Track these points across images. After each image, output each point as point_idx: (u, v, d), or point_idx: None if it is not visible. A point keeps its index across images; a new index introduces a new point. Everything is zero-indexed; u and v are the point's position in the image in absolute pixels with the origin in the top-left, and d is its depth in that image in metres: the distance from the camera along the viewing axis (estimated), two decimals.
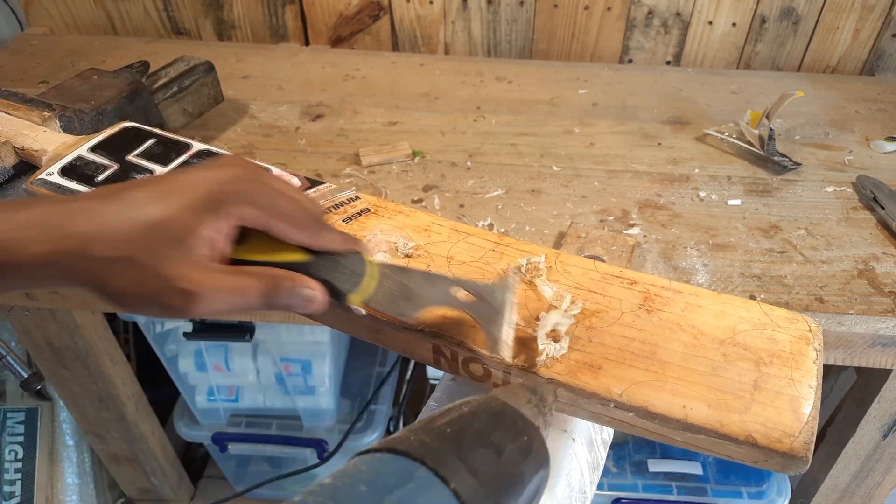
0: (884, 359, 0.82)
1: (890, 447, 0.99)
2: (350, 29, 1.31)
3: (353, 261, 0.48)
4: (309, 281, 0.46)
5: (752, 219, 0.88)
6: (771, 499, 1.22)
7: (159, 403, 1.32)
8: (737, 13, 1.22)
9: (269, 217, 0.45)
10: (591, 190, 0.93)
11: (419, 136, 1.03)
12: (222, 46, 1.30)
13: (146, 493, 1.38)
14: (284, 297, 0.45)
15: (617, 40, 1.28)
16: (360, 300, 0.48)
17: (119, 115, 0.88)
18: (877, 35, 1.22)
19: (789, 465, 0.45)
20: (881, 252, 0.83)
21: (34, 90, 1.00)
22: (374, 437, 1.30)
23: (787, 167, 0.97)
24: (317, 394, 1.23)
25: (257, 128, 1.05)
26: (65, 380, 1.12)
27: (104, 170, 0.66)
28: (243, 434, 1.31)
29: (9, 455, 1.28)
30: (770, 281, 0.79)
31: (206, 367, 1.20)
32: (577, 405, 0.50)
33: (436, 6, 1.26)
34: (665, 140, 1.04)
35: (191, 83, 0.99)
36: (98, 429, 1.22)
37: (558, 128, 1.07)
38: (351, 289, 0.47)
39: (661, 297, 0.55)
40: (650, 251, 0.83)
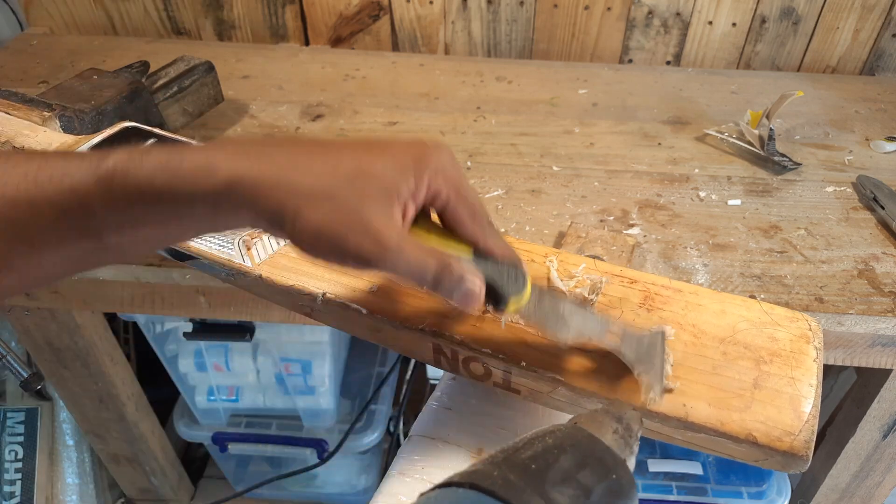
0: (884, 359, 0.82)
1: (890, 447, 0.99)
2: (350, 29, 1.31)
3: (513, 270, 0.47)
4: (476, 274, 0.44)
5: (752, 219, 0.88)
6: (771, 499, 1.22)
7: (159, 403, 1.32)
8: (737, 13, 1.22)
9: (456, 200, 0.45)
10: (591, 190, 0.93)
11: (419, 136, 1.03)
12: (222, 46, 1.30)
13: (146, 493, 1.38)
14: (453, 283, 0.43)
15: (617, 40, 1.28)
16: (517, 308, 0.47)
17: (119, 115, 0.88)
18: (877, 35, 1.22)
19: (790, 464, 0.45)
20: (881, 252, 0.83)
21: (34, 90, 1.00)
22: (374, 437, 1.30)
23: (787, 167, 0.97)
24: (317, 394, 1.23)
25: (257, 128, 1.05)
26: (65, 380, 1.12)
27: None
28: (243, 434, 1.31)
29: (9, 455, 1.28)
30: (770, 281, 0.79)
31: (206, 367, 1.20)
32: (578, 404, 0.50)
33: (436, 6, 1.26)
34: (665, 140, 1.04)
35: (191, 83, 0.99)
36: (98, 429, 1.22)
37: (558, 128, 1.07)
38: (513, 293, 0.46)
39: (662, 295, 0.55)
40: (650, 251, 0.83)
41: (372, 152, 0.42)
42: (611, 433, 0.38)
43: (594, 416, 0.39)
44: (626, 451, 0.38)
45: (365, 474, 1.45)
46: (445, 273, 0.43)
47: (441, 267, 0.43)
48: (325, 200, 0.40)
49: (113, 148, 0.42)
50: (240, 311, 0.91)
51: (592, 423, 0.38)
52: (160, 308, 0.92)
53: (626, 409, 0.40)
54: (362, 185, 0.41)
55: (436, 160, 0.43)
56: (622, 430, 0.39)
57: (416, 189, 0.43)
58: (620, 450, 0.37)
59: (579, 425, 0.38)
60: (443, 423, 0.55)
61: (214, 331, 1.11)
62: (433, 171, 0.43)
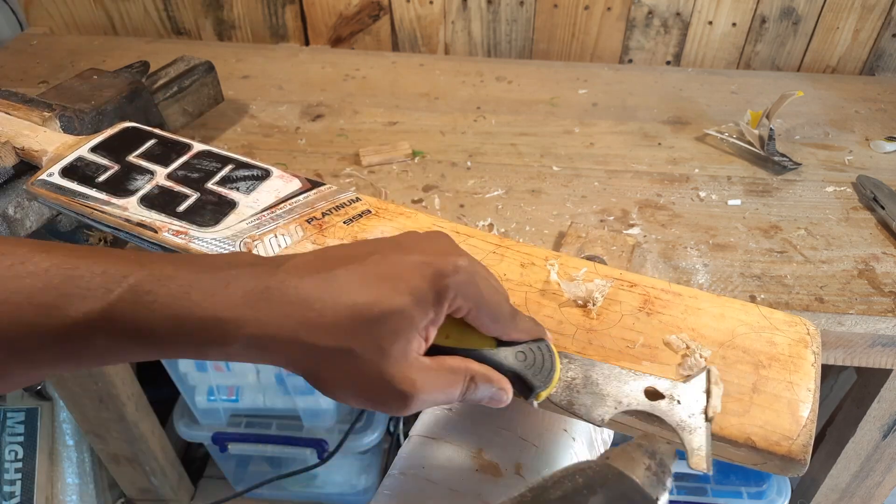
0: (884, 359, 0.82)
1: (890, 447, 0.99)
2: (350, 29, 1.31)
3: (539, 351, 0.46)
4: (501, 379, 0.44)
5: (752, 219, 0.88)
6: (771, 499, 1.22)
7: (159, 403, 1.32)
8: (737, 13, 1.22)
9: (477, 311, 0.43)
10: (591, 190, 0.93)
11: (419, 136, 1.03)
12: (222, 46, 1.30)
13: (146, 493, 1.38)
14: (480, 394, 0.43)
15: (617, 40, 1.28)
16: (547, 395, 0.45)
17: (119, 115, 0.88)
18: (877, 35, 1.22)
19: (788, 468, 0.45)
20: (881, 252, 0.83)
21: (34, 90, 1.00)
22: (374, 438, 1.30)
23: (787, 167, 0.97)
24: (317, 394, 1.23)
25: (257, 128, 1.05)
26: (65, 380, 1.12)
27: (105, 170, 0.66)
28: (243, 434, 1.31)
29: (9, 455, 1.28)
30: (770, 281, 0.79)
31: (206, 367, 1.20)
32: None
33: (436, 6, 1.26)
34: (665, 140, 1.04)
35: (191, 83, 0.99)
36: (98, 429, 1.22)
37: (558, 128, 1.07)
38: (542, 384, 0.44)
39: (661, 299, 0.55)
40: (650, 251, 0.83)
41: (387, 284, 0.39)
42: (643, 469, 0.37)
43: (626, 452, 0.38)
44: (659, 488, 0.37)
45: (365, 474, 1.45)
46: (470, 389, 0.43)
47: (469, 383, 0.42)
48: (342, 358, 0.38)
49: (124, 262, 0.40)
50: None
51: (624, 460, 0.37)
52: None
53: (659, 444, 0.39)
54: (379, 334, 0.39)
55: (455, 281, 0.41)
56: (655, 465, 0.37)
57: (436, 317, 0.41)
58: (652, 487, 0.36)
59: (610, 462, 0.37)
60: (443, 423, 0.55)
61: None
62: (453, 294, 0.41)
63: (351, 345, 0.38)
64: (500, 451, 0.52)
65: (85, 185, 0.64)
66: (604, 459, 0.38)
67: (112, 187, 0.64)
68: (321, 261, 0.41)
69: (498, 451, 0.52)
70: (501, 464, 0.51)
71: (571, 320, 0.54)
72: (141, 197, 0.63)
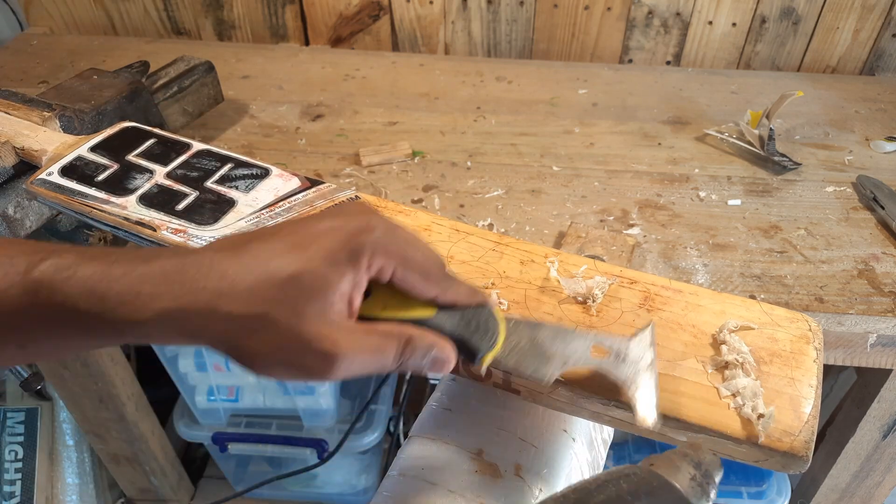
0: (884, 359, 0.82)
1: (890, 447, 0.99)
2: (350, 29, 1.31)
3: (481, 314, 0.45)
4: (442, 342, 0.43)
5: (752, 219, 0.88)
6: (771, 499, 1.22)
7: (159, 403, 1.32)
8: (737, 13, 1.22)
9: (403, 269, 0.42)
10: (591, 190, 0.93)
11: (419, 136, 1.03)
12: (222, 46, 1.30)
13: (146, 493, 1.38)
14: (418, 358, 0.42)
15: (617, 40, 1.28)
16: (492, 358, 0.44)
17: (119, 115, 0.88)
18: (877, 35, 1.22)
19: (789, 465, 0.45)
20: (881, 252, 0.83)
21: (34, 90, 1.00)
22: (374, 438, 1.30)
23: (787, 167, 0.97)
24: (317, 394, 1.23)
25: (257, 128, 1.05)
26: (65, 380, 1.12)
27: (104, 170, 0.66)
28: (243, 434, 1.31)
29: (9, 455, 1.28)
30: (770, 281, 0.79)
31: (206, 367, 1.20)
32: (578, 405, 0.49)
33: (436, 6, 1.26)
34: (665, 140, 1.04)
35: (191, 83, 0.99)
36: (98, 429, 1.22)
37: (558, 128, 1.07)
38: (487, 347, 0.44)
39: (661, 296, 0.55)
40: (650, 251, 0.83)
41: (298, 250, 0.39)
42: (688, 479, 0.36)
43: (671, 460, 0.38)
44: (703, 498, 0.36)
45: (365, 474, 1.45)
46: (411, 351, 0.41)
47: (405, 347, 0.41)
48: (259, 326, 0.38)
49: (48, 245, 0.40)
50: None
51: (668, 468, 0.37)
52: None
53: (705, 455, 0.38)
54: (294, 296, 0.38)
55: (369, 239, 0.40)
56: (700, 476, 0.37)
57: (356, 277, 0.40)
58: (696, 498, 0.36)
59: (655, 470, 0.37)
60: (443, 423, 0.55)
61: None
62: (370, 252, 0.40)
63: (266, 309, 0.37)
64: (500, 451, 0.52)
65: (84, 184, 0.64)
66: (648, 466, 0.37)
67: (111, 186, 0.64)
68: (238, 237, 0.41)
69: (497, 452, 0.52)
70: (501, 465, 0.51)
71: (571, 317, 0.54)
72: (140, 196, 0.63)
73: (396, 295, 0.44)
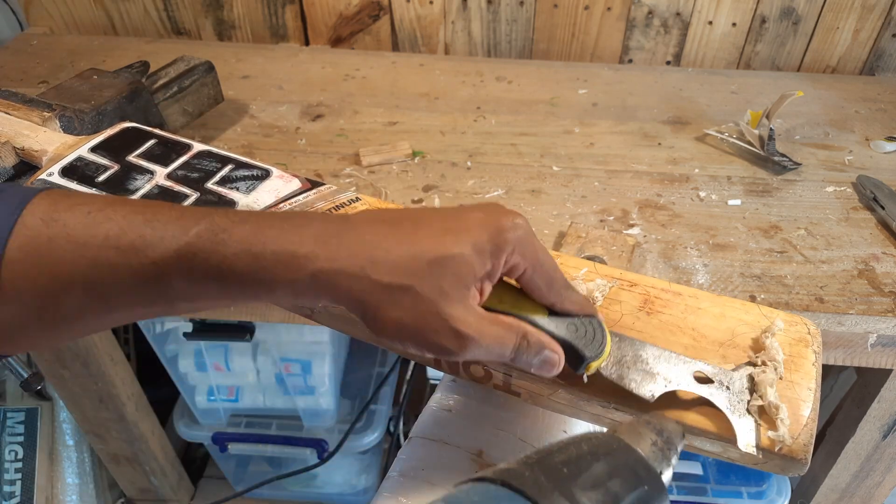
0: (884, 359, 0.82)
1: (890, 447, 0.99)
2: (350, 29, 1.31)
3: (591, 324, 0.46)
4: (553, 344, 0.45)
5: (752, 219, 0.88)
6: (771, 499, 1.22)
7: (159, 403, 1.32)
8: (737, 13, 1.22)
9: (533, 272, 0.44)
10: (591, 190, 0.93)
11: (419, 136, 1.03)
12: (222, 46, 1.30)
13: (146, 493, 1.38)
14: (531, 355, 0.44)
15: (617, 40, 1.28)
16: (597, 367, 0.46)
17: (119, 115, 0.88)
18: (877, 35, 1.22)
19: (788, 468, 0.45)
20: (881, 252, 0.83)
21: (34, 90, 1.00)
22: (374, 438, 1.30)
23: (787, 167, 0.97)
24: (317, 394, 1.23)
25: (257, 128, 1.05)
26: (65, 380, 1.12)
27: (104, 170, 0.66)
28: (243, 434, 1.31)
29: (9, 455, 1.28)
30: (770, 281, 0.79)
31: (206, 367, 1.20)
32: (578, 407, 0.50)
33: (436, 6, 1.26)
34: (665, 140, 1.04)
35: (191, 83, 0.99)
36: (98, 429, 1.22)
37: (558, 128, 1.07)
38: (594, 355, 0.45)
39: (661, 299, 0.55)
40: (650, 251, 0.83)
41: (449, 235, 0.42)
42: (649, 444, 0.38)
43: (634, 427, 0.39)
44: (664, 463, 0.38)
45: (365, 474, 1.45)
46: (522, 347, 0.44)
47: (521, 342, 0.43)
48: (403, 295, 0.40)
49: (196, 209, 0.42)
50: (240, 311, 0.91)
51: (631, 434, 0.38)
52: None
53: (668, 422, 0.40)
54: (440, 275, 0.40)
55: (513, 237, 0.43)
56: (662, 442, 0.38)
57: (494, 269, 0.43)
58: (657, 462, 0.37)
59: (617, 434, 0.38)
60: (443, 424, 0.55)
61: (214, 331, 1.11)
62: (511, 248, 0.43)
63: (412, 282, 0.40)
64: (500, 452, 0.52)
65: (84, 185, 0.64)
66: (612, 432, 0.38)
67: (112, 187, 0.64)
68: (388, 213, 0.44)
69: (498, 453, 0.52)
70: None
71: None
72: (141, 197, 0.63)
73: (512, 291, 0.46)
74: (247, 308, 0.90)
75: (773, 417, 0.45)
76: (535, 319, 0.45)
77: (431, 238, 0.41)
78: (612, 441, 0.37)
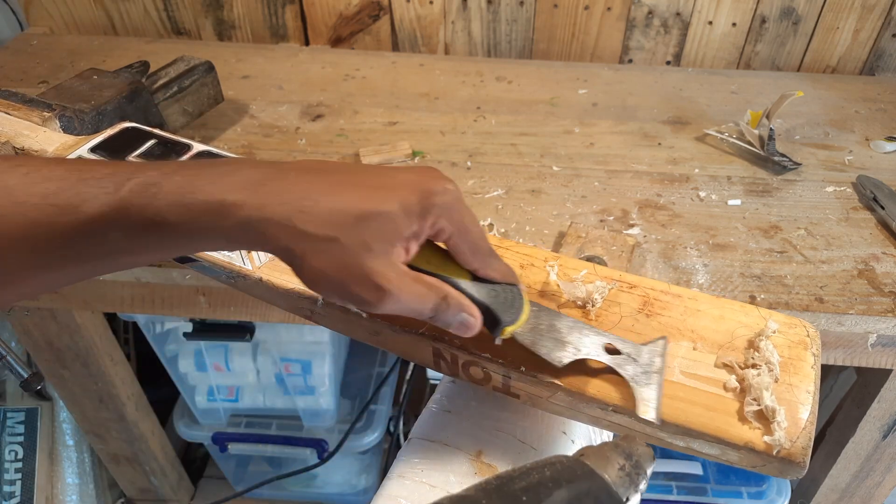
0: (884, 359, 0.82)
1: (890, 447, 0.99)
2: (350, 29, 1.31)
3: (510, 292, 0.48)
4: (472, 307, 0.46)
5: (752, 219, 0.88)
6: (771, 499, 1.22)
7: (159, 403, 1.32)
8: (737, 13, 1.22)
9: (458, 237, 0.46)
10: (591, 190, 0.93)
11: (419, 136, 1.03)
12: (222, 46, 1.30)
13: (146, 493, 1.38)
14: (450, 315, 0.45)
15: (617, 40, 1.28)
16: (512, 332, 0.47)
17: (119, 115, 0.88)
18: (877, 35, 1.22)
19: (787, 471, 0.45)
20: (881, 252, 0.83)
21: (34, 90, 1.00)
22: (374, 438, 1.30)
23: (787, 167, 0.97)
24: (317, 394, 1.23)
25: (257, 128, 1.05)
26: (65, 380, 1.12)
27: None
28: (243, 434, 1.31)
29: (9, 455, 1.28)
30: (770, 281, 0.79)
31: (206, 367, 1.20)
32: (577, 409, 0.50)
33: (436, 6, 1.26)
34: (665, 140, 1.04)
35: (191, 83, 0.99)
36: (98, 429, 1.22)
37: (558, 128, 1.07)
38: (511, 320, 0.47)
39: (661, 301, 0.55)
40: (650, 251, 0.83)
41: (379, 192, 0.42)
42: (616, 469, 0.37)
43: (601, 451, 0.38)
44: (631, 489, 0.37)
45: (365, 474, 1.45)
46: (442, 307, 0.45)
47: (441, 301, 0.45)
48: (328, 245, 0.41)
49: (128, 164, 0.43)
50: (240, 311, 0.91)
51: (598, 458, 0.37)
52: (160, 308, 0.92)
53: (637, 446, 0.39)
54: (365, 230, 0.41)
55: (441, 200, 0.44)
56: (630, 466, 0.38)
57: (420, 230, 0.44)
58: (624, 488, 0.36)
59: (583, 459, 0.37)
60: (442, 425, 0.55)
61: (214, 331, 1.11)
62: (438, 212, 0.44)
63: (338, 234, 0.41)
64: (499, 453, 0.52)
65: None
66: (578, 456, 0.38)
67: None
68: (318, 163, 0.44)
69: (496, 454, 0.52)
70: (500, 466, 0.51)
71: None
72: None
73: (438, 253, 0.48)
74: (246, 308, 0.90)
75: (769, 420, 0.45)
76: (458, 282, 0.47)
77: (361, 193, 0.42)
78: (577, 466, 0.36)
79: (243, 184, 0.41)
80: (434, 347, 0.53)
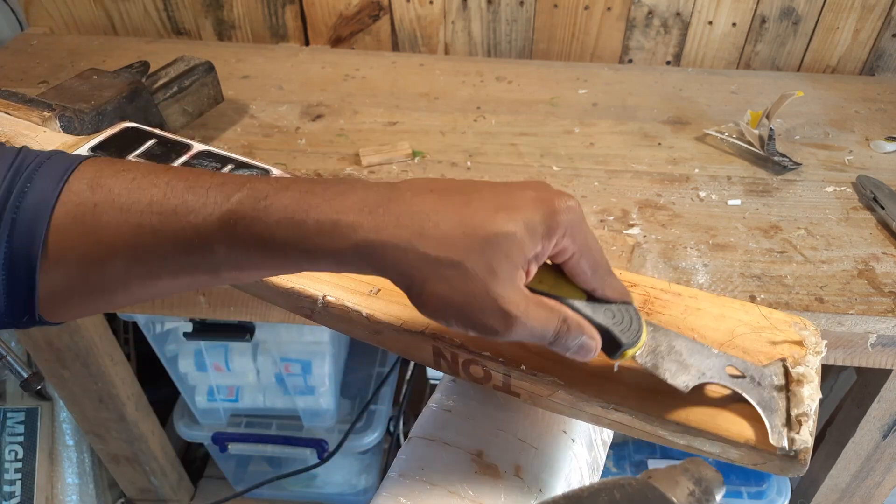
0: (884, 359, 0.82)
1: (890, 447, 0.99)
2: (350, 29, 1.31)
3: (628, 312, 0.46)
4: (591, 329, 0.44)
5: (752, 219, 0.88)
6: (771, 499, 1.22)
7: (159, 403, 1.32)
8: (737, 13, 1.22)
9: (580, 257, 0.43)
10: (591, 190, 0.93)
11: (419, 136, 1.03)
12: (222, 46, 1.30)
13: (146, 493, 1.38)
14: (570, 339, 0.43)
15: (617, 40, 1.28)
16: (633, 355, 0.45)
17: (119, 115, 0.88)
18: (877, 35, 1.22)
19: (787, 469, 0.45)
20: (881, 252, 0.83)
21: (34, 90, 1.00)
22: (374, 437, 1.30)
23: (787, 167, 0.97)
24: (317, 394, 1.23)
25: (257, 128, 1.05)
26: (65, 380, 1.12)
27: None
28: (243, 434, 1.31)
29: (9, 455, 1.28)
30: (770, 281, 0.79)
31: (206, 367, 1.20)
32: (577, 408, 0.50)
33: (436, 6, 1.26)
34: (665, 140, 1.04)
35: (191, 83, 0.99)
36: (98, 429, 1.22)
37: (558, 128, 1.07)
38: (631, 342, 0.44)
39: (661, 299, 0.55)
40: (650, 251, 0.83)
41: (502, 212, 0.40)
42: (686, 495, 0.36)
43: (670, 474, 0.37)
44: None
45: (365, 474, 1.45)
46: (563, 331, 0.43)
47: (562, 325, 0.42)
48: (451, 271, 0.39)
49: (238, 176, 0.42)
50: (240, 311, 0.91)
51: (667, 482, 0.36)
52: (160, 308, 0.92)
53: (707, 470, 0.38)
54: (491, 253, 0.39)
55: (566, 219, 0.41)
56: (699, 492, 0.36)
57: (543, 251, 0.41)
58: None
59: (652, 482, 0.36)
60: (442, 424, 0.55)
61: (214, 331, 1.11)
62: (562, 232, 0.41)
63: (462, 258, 0.39)
64: (500, 452, 0.52)
65: None
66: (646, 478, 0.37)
67: None
68: (436, 182, 0.42)
69: (497, 453, 0.52)
70: (501, 465, 0.51)
71: None
72: None
73: (552, 272, 0.45)
74: (246, 308, 0.90)
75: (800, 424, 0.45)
76: (574, 303, 0.44)
77: (483, 213, 0.40)
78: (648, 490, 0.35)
79: (359, 205, 0.39)
80: (434, 346, 0.53)
